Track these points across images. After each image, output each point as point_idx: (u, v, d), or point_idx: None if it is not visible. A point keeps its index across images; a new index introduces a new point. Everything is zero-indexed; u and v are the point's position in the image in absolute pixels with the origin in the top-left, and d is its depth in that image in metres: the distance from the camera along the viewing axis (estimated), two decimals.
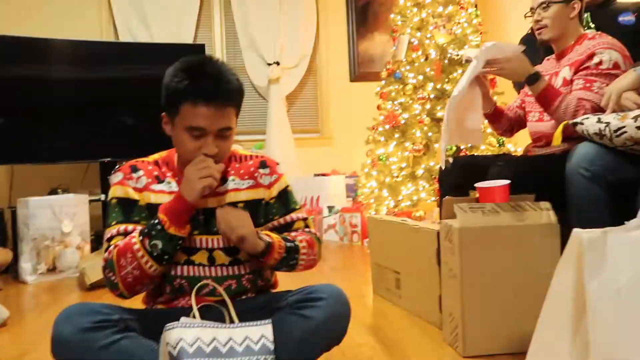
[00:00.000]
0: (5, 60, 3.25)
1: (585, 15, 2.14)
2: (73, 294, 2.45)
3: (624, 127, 1.47)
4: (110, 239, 1.16)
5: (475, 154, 3.22)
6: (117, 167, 3.48)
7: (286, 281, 1.40)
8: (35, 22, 3.73)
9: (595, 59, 1.74)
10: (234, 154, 1.29)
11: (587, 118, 1.60)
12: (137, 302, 1.26)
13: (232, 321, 1.07)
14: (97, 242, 3.20)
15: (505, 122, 2.13)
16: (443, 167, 2.03)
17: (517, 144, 3.41)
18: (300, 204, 1.35)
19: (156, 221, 1.11)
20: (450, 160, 2.17)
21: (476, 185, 1.57)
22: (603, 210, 1.54)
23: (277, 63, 4.11)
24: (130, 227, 1.17)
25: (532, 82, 1.77)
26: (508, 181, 1.55)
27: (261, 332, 0.93)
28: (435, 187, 3.33)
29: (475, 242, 1.44)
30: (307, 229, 1.31)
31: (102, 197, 3.44)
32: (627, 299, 0.91)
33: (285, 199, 1.30)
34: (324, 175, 4.03)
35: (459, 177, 2.10)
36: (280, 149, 3.93)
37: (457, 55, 3.49)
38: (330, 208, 3.75)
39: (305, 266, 1.28)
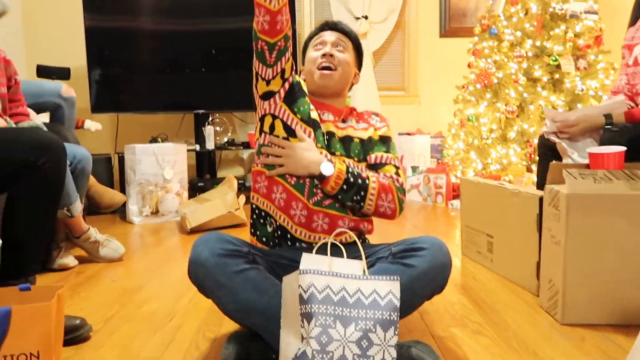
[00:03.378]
0: (108, 12, 3.45)
1: None
2: (175, 236, 2.66)
3: None
4: None
5: None
6: (210, 119, 3.63)
7: (379, 234, 1.43)
8: None
9: None
10: (353, 109, 1.44)
11: None
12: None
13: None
14: (192, 189, 3.41)
15: None
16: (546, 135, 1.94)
17: None
18: (398, 157, 1.42)
19: None
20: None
21: (588, 150, 1.50)
22: None
23: (366, 17, 4.04)
24: None
25: (610, 121, 1.73)
26: (623, 148, 1.47)
27: (389, 288, 0.96)
28: (528, 151, 3.20)
29: (584, 209, 1.39)
30: (394, 176, 1.34)
31: (197, 147, 3.64)
32: None
33: (386, 143, 1.41)
34: (408, 134, 3.99)
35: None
36: (364, 107, 3.92)
37: (562, 9, 3.25)
38: (414, 168, 3.72)
39: (378, 210, 1.30)
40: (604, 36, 3.31)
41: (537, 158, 2.16)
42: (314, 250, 1.15)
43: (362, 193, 1.26)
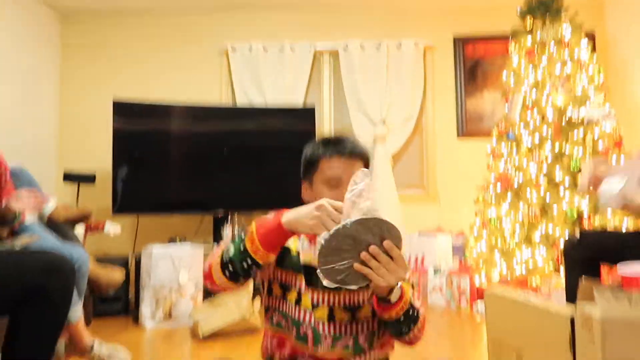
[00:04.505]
0: (135, 124, 3.61)
1: None
2: (186, 344, 2.55)
3: None
4: None
5: (607, 229, 2.94)
6: (229, 218, 3.63)
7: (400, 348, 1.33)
8: (165, 87, 4.13)
9: None
10: None
11: None
12: None
13: None
14: (208, 291, 3.34)
15: None
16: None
17: None
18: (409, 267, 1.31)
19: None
20: (577, 232, 2.01)
21: (620, 272, 1.42)
22: None
23: (383, 122, 4.15)
24: None
25: None
26: None
27: None
28: (554, 254, 3.08)
29: (622, 337, 1.28)
30: (418, 301, 1.24)
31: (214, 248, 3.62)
32: None
33: None
34: (429, 233, 3.91)
35: (588, 251, 1.93)
36: (384, 206, 3.90)
37: (577, 117, 3.27)
38: (436, 270, 3.60)
39: (411, 341, 1.21)
40: (623, 138, 3.30)
41: (563, 260, 2.08)
42: None
43: (412, 324, 1.17)
